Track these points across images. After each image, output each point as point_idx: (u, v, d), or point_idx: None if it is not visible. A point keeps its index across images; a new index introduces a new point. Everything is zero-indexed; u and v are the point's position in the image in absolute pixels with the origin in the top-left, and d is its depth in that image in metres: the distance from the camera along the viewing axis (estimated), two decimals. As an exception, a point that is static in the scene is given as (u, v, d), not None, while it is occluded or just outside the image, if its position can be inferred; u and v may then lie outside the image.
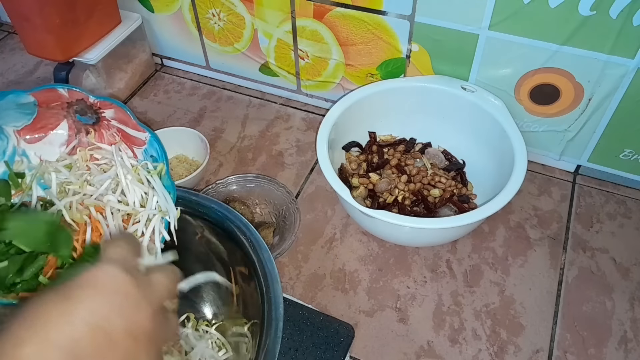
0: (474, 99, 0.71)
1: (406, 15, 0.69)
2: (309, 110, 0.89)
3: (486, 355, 0.59)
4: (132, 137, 0.46)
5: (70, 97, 0.45)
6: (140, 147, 0.46)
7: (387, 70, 0.77)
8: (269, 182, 0.72)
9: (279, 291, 0.44)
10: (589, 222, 0.71)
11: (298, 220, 0.68)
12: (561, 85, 0.67)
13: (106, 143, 0.48)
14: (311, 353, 0.53)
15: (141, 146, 0.46)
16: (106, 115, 0.46)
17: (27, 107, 0.45)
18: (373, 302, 0.64)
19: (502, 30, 0.65)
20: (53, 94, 0.44)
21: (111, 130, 0.46)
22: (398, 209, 0.69)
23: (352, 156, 0.76)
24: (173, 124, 0.87)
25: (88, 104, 0.45)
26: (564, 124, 0.72)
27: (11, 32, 1.09)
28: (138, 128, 0.45)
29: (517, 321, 0.61)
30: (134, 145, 0.46)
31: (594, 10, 0.59)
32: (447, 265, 0.67)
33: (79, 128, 0.48)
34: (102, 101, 0.45)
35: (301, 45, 0.81)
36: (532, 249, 0.68)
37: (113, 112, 0.46)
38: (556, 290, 0.64)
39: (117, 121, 0.46)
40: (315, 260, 0.68)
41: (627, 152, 0.71)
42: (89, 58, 0.81)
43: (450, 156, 0.76)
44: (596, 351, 0.59)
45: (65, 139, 0.49)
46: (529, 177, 0.75)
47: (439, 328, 0.61)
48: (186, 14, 0.86)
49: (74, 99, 0.45)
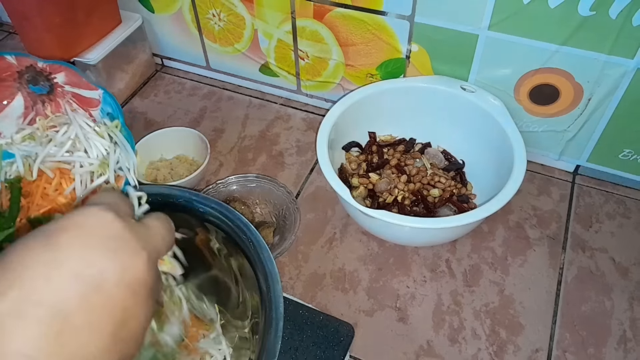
0: (473, 99, 0.71)
1: (406, 15, 0.69)
2: (309, 111, 0.89)
3: (485, 355, 0.59)
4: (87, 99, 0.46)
5: (19, 65, 0.45)
6: (96, 108, 0.46)
7: (387, 70, 0.78)
8: (269, 182, 0.72)
9: (279, 291, 0.44)
10: (588, 222, 0.71)
11: (298, 220, 0.68)
12: (561, 86, 0.68)
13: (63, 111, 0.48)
14: (311, 352, 0.53)
15: (97, 106, 0.46)
16: (58, 81, 0.46)
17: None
18: (373, 301, 0.64)
19: (501, 30, 0.65)
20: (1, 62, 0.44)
21: (66, 97, 0.46)
22: (398, 209, 0.69)
23: (352, 156, 0.76)
24: (173, 124, 0.87)
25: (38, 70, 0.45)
26: (563, 124, 0.72)
27: (11, 32, 1.09)
28: (91, 87, 0.45)
29: (516, 321, 0.62)
30: (90, 108, 0.46)
31: (594, 11, 0.59)
32: (447, 265, 0.67)
33: (35, 100, 0.48)
34: (52, 64, 0.45)
35: (301, 46, 0.81)
36: (531, 249, 0.68)
37: (64, 75, 0.46)
38: (555, 290, 0.64)
39: (70, 85, 0.46)
40: (315, 260, 0.68)
41: (626, 152, 0.71)
42: (89, 58, 0.81)
43: (450, 156, 0.76)
44: (595, 351, 0.59)
45: (22, 112, 0.49)
46: (528, 177, 0.75)
47: (439, 327, 0.61)
48: (186, 14, 0.86)
49: (24, 67, 0.45)
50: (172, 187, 0.51)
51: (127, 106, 0.91)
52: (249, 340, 0.51)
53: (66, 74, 0.45)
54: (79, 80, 0.45)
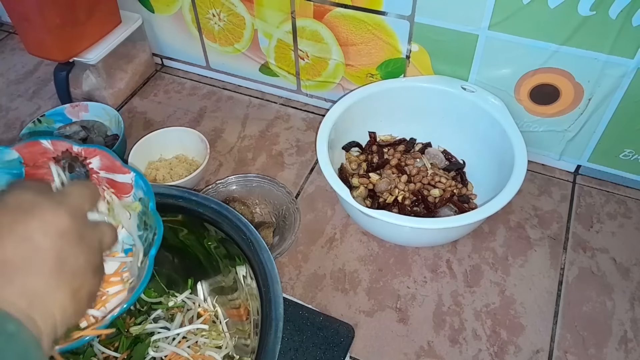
0: (474, 99, 0.71)
1: (406, 15, 0.69)
2: (309, 110, 0.89)
3: (486, 356, 0.59)
4: (121, 185, 0.45)
5: (54, 150, 0.44)
6: (129, 195, 0.45)
7: (387, 70, 0.77)
8: (269, 182, 0.72)
9: (279, 291, 0.43)
10: (589, 222, 0.71)
11: (298, 220, 0.68)
12: (561, 85, 0.67)
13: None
14: (311, 353, 0.53)
15: (129, 192, 0.45)
16: (94, 166, 0.45)
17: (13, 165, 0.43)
18: (373, 302, 0.64)
19: (501, 30, 0.65)
20: (37, 147, 0.43)
21: (101, 185, 0.46)
22: (398, 209, 0.69)
23: (352, 156, 0.76)
24: (173, 124, 0.87)
25: (74, 156, 0.44)
26: (564, 124, 0.72)
27: (11, 32, 1.09)
28: (123, 170, 0.44)
29: (517, 321, 0.61)
30: (124, 195, 0.46)
31: (594, 11, 0.59)
32: (447, 265, 0.67)
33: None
34: (86, 149, 0.44)
35: (301, 46, 0.81)
36: (532, 249, 0.68)
37: (99, 160, 0.45)
38: (556, 290, 0.64)
39: (105, 170, 0.45)
40: (315, 260, 0.68)
41: (627, 152, 0.71)
42: (89, 58, 0.81)
43: (450, 156, 0.76)
44: (596, 351, 0.59)
45: None
46: (529, 177, 0.75)
47: (439, 328, 0.61)
48: (186, 14, 0.86)
49: (59, 151, 0.44)
50: (171, 187, 0.51)
51: (127, 106, 0.91)
52: (249, 340, 0.51)
53: (101, 157, 0.45)
54: (113, 164, 0.44)
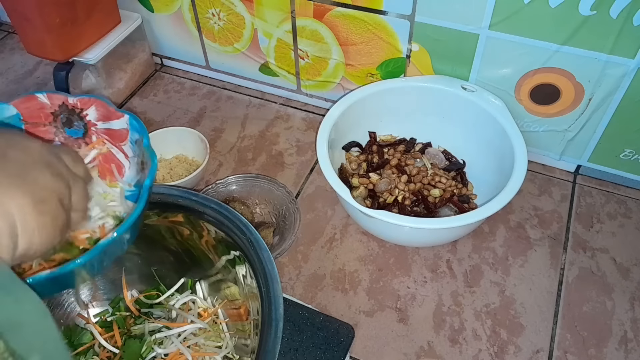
0: (474, 98, 0.71)
1: (406, 15, 0.69)
2: (309, 110, 0.89)
3: (486, 356, 0.59)
4: (118, 133, 0.45)
5: (51, 104, 0.44)
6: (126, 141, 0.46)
7: (387, 70, 0.77)
8: (269, 182, 0.72)
9: (279, 291, 0.43)
10: (589, 222, 0.71)
11: (298, 220, 0.68)
12: (561, 85, 0.67)
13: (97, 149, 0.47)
14: (311, 353, 0.53)
15: (126, 139, 0.45)
16: (91, 118, 0.45)
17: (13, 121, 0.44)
18: (373, 302, 0.64)
19: (502, 30, 0.65)
20: (34, 102, 0.44)
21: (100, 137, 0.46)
22: (398, 209, 0.68)
23: (352, 156, 0.76)
24: (173, 123, 0.87)
25: (70, 108, 0.45)
26: (564, 124, 0.72)
27: (11, 32, 1.09)
28: (118, 115, 0.45)
29: (517, 321, 0.61)
30: (121, 142, 0.46)
31: (594, 10, 0.58)
32: (447, 265, 0.67)
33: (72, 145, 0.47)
34: (81, 99, 0.44)
35: (301, 45, 0.81)
36: (532, 249, 0.68)
37: (95, 109, 0.45)
38: (556, 290, 0.64)
39: (102, 120, 0.46)
40: (315, 260, 0.68)
41: (627, 152, 0.71)
42: (88, 58, 0.81)
43: (451, 156, 0.76)
44: (596, 351, 0.59)
45: None
46: (529, 177, 0.75)
47: (439, 328, 0.61)
48: (186, 13, 0.86)
49: (56, 106, 0.44)
50: (171, 187, 0.51)
51: (127, 106, 0.91)
52: (249, 340, 0.51)
53: (96, 106, 0.45)
54: (108, 111, 0.45)
